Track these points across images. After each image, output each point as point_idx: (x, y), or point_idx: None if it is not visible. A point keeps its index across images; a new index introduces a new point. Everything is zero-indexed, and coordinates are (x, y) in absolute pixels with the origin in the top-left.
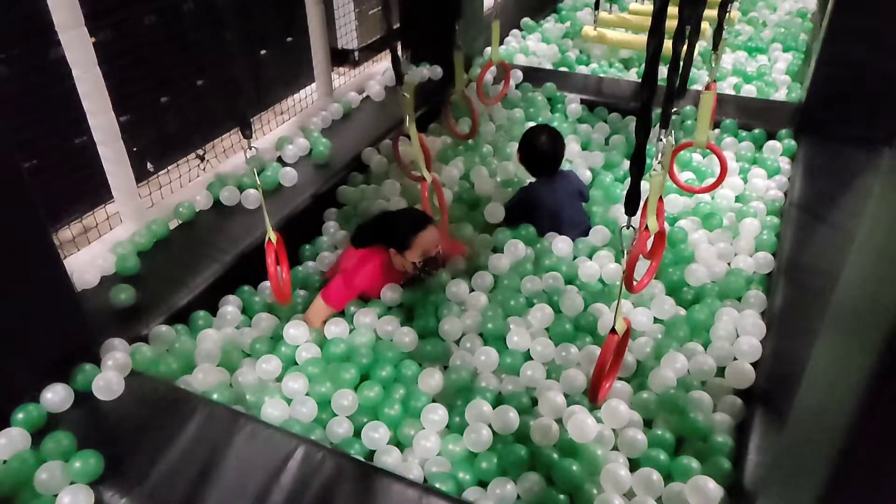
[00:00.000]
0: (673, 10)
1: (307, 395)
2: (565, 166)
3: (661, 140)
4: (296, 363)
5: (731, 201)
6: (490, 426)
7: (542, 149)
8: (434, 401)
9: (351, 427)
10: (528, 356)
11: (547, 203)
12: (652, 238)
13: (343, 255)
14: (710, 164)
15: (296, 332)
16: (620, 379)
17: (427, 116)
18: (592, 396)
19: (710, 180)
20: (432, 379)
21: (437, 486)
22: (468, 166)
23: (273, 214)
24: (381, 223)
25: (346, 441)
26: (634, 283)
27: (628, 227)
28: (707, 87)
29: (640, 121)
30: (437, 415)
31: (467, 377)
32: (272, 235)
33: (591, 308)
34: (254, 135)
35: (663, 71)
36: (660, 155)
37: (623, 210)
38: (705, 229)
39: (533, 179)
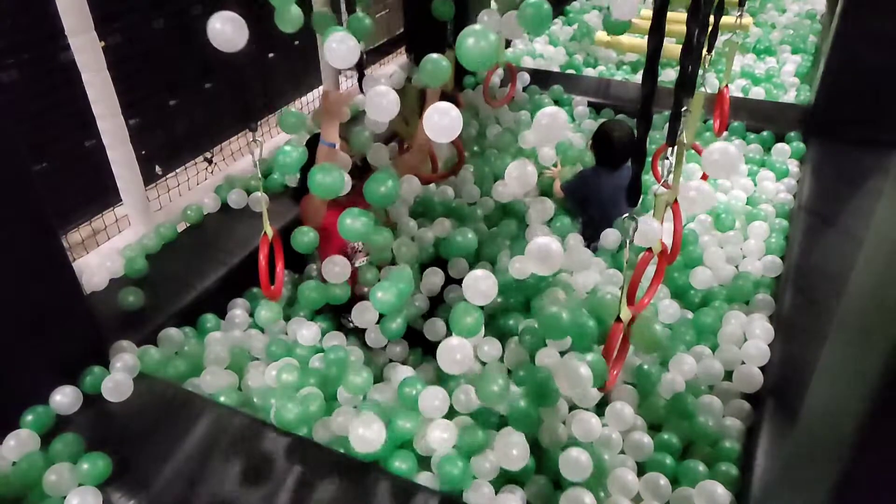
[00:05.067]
0: (680, 16)
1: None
2: None
3: (667, 158)
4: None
5: (741, 204)
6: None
7: (616, 143)
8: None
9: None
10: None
11: (602, 191)
12: (656, 257)
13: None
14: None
15: (308, 332)
16: (627, 384)
17: None
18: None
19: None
20: (446, 433)
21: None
22: (474, 170)
23: (279, 216)
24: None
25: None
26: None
27: (632, 219)
28: (719, 91)
29: (641, 115)
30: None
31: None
32: (268, 230)
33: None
34: (260, 133)
35: (670, 74)
36: (667, 174)
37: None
38: (716, 230)
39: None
